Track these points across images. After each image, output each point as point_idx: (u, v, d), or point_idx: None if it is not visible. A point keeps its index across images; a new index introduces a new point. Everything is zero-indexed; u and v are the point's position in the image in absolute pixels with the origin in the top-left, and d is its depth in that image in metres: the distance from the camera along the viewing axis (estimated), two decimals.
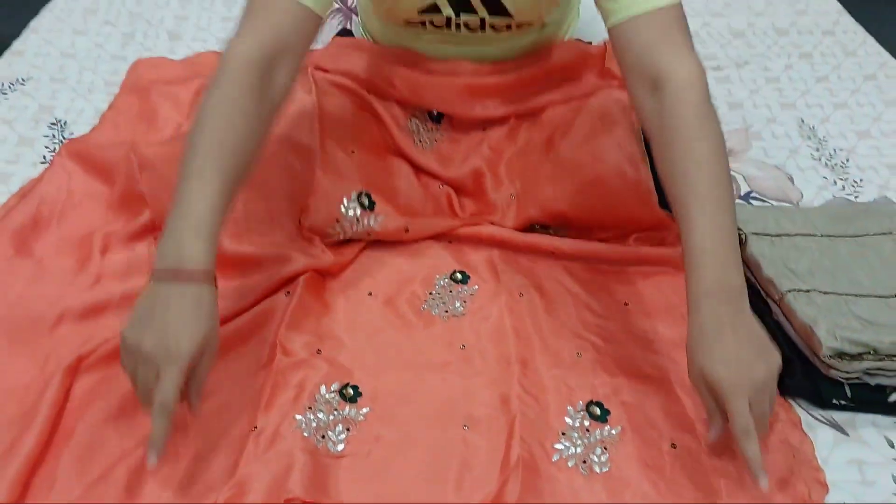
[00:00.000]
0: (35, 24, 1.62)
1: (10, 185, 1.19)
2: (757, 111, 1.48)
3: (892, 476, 0.87)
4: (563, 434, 0.89)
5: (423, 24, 1.14)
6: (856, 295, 0.99)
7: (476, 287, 1.07)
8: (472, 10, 1.11)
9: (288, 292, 1.02)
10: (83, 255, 1.06)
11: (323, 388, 0.91)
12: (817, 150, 1.38)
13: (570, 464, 0.86)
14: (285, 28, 0.90)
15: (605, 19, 0.94)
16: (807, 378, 0.94)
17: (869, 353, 0.91)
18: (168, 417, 0.74)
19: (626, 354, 0.98)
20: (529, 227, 1.15)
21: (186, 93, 1.34)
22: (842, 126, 1.44)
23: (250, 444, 0.84)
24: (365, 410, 0.90)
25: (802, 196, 1.27)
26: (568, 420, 0.90)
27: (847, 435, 0.91)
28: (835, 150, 1.37)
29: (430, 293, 1.06)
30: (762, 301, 1.02)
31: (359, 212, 1.09)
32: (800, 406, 0.94)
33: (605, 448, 0.87)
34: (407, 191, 1.17)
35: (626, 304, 1.05)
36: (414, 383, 0.94)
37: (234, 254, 1.03)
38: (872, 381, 0.92)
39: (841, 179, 1.31)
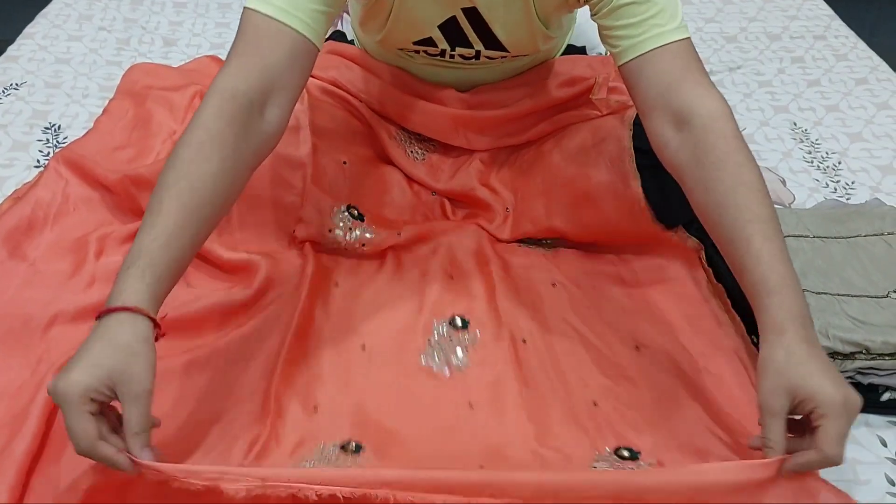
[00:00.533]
0: (30, 29, 1.63)
1: (4, 189, 1.19)
2: (750, 115, 1.49)
3: (886, 475, 0.87)
4: (595, 467, 0.84)
5: (417, 52, 1.14)
6: (848, 295, 0.99)
7: (477, 333, 1.00)
8: (468, 45, 1.10)
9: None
10: (77, 259, 1.06)
11: (322, 444, 0.85)
12: (809, 152, 1.39)
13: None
14: (277, 63, 0.85)
15: (617, 57, 0.92)
16: None
17: (861, 352, 0.91)
18: (146, 443, 0.70)
19: (645, 400, 0.93)
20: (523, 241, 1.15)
21: (181, 99, 1.34)
22: (834, 129, 1.45)
23: None
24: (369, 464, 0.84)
25: (795, 198, 1.27)
26: (595, 462, 0.85)
27: None
28: (827, 153, 1.38)
29: (429, 341, 0.99)
30: None
31: (350, 222, 1.09)
32: None
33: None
34: (399, 200, 1.17)
35: (638, 349, 0.99)
36: (423, 449, 0.86)
37: (228, 261, 1.04)
38: (865, 381, 0.92)
39: (833, 182, 1.31)
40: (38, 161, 1.26)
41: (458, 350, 0.98)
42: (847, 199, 1.27)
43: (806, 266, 1.04)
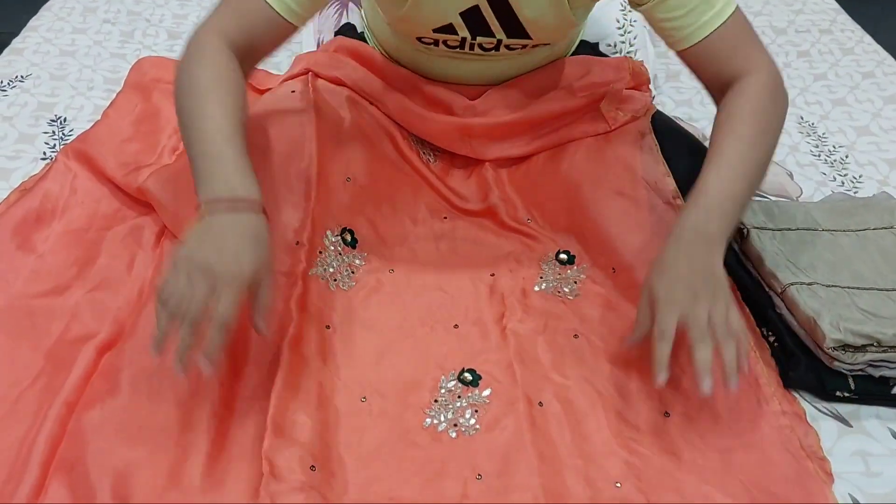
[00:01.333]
0: (34, 22, 1.62)
1: (10, 181, 1.19)
2: None
3: None
4: None
5: (436, 42, 1.10)
6: (858, 288, 0.99)
7: (489, 391, 0.91)
8: (490, 34, 1.08)
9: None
10: (85, 251, 1.05)
11: None
12: (816, 146, 1.38)
13: None
14: (256, 31, 0.95)
15: (673, 44, 0.99)
16: (810, 371, 0.94)
17: (872, 344, 0.91)
18: (225, 333, 0.76)
19: (671, 480, 0.84)
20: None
21: None
22: (841, 123, 1.45)
23: None
24: None
25: (802, 192, 1.27)
26: None
27: (851, 427, 0.91)
28: (834, 147, 1.38)
29: (436, 400, 0.90)
30: (764, 294, 1.02)
31: (341, 247, 1.04)
32: (804, 398, 0.94)
33: None
34: (404, 217, 1.11)
35: (667, 415, 0.90)
36: None
37: None
38: (876, 373, 0.92)
39: (840, 175, 1.31)
40: (45, 153, 1.26)
41: (468, 413, 0.89)
42: (854, 193, 1.27)
43: (815, 259, 1.04)
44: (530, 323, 0.99)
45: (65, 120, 1.34)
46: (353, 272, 1.04)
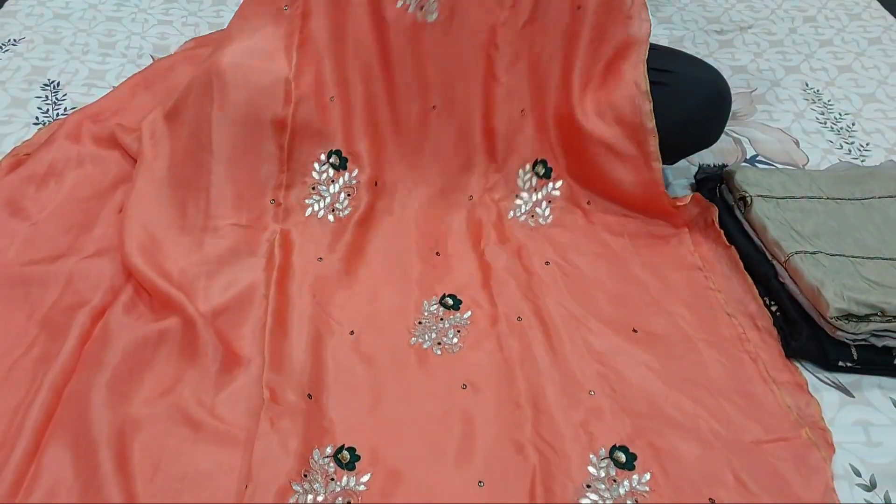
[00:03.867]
0: None
1: (2, 146, 1.17)
2: (761, 75, 1.46)
3: None
4: (589, 487, 0.80)
5: None
6: (862, 257, 0.98)
7: (469, 313, 0.98)
8: None
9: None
10: (82, 219, 1.04)
11: (317, 453, 0.81)
12: (822, 113, 1.36)
13: None
14: None
15: None
16: (813, 340, 0.93)
17: (876, 314, 0.90)
18: None
19: (643, 391, 0.89)
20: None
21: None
22: (847, 90, 1.42)
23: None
24: (366, 478, 0.80)
25: (808, 160, 1.25)
26: (591, 470, 0.81)
27: (853, 397, 0.91)
28: (840, 114, 1.36)
29: (420, 322, 0.96)
30: (768, 263, 1.01)
31: (332, 173, 1.06)
32: (805, 369, 0.93)
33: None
34: (388, 115, 1.09)
35: (635, 331, 0.96)
36: (417, 436, 0.84)
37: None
38: (879, 343, 0.91)
39: (847, 143, 1.29)
40: (37, 118, 1.24)
41: (451, 333, 0.95)
42: (861, 161, 1.25)
43: (820, 227, 1.02)
44: (506, 249, 1.06)
45: (58, 84, 1.32)
46: (349, 195, 1.07)
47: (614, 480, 0.81)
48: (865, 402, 0.90)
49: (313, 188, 1.06)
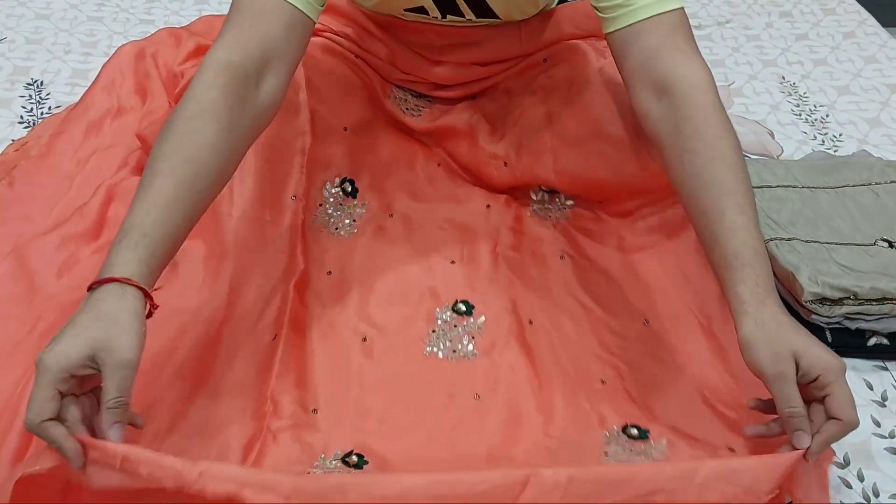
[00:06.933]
0: None
1: None
2: (738, 68, 1.49)
3: (871, 417, 0.89)
4: (607, 454, 0.82)
5: (411, 15, 1.09)
6: (836, 243, 1.00)
7: (483, 318, 0.97)
8: (459, 13, 1.06)
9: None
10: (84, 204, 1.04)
11: (322, 457, 0.81)
12: (797, 105, 1.39)
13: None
14: (274, 34, 0.82)
15: (605, 25, 0.89)
16: None
17: (849, 297, 0.92)
18: (121, 420, 0.65)
19: (653, 378, 0.91)
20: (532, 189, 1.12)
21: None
22: (821, 82, 1.45)
23: None
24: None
25: (783, 151, 1.28)
26: (606, 445, 0.83)
27: None
28: (815, 106, 1.39)
29: (433, 330, 0.95)
30: None
31: (341, 198, 1.06)
32: None
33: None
34: (401, 165, 1.12)
35: (647, 322, 0.97)
36: (428, 447, 0.83)
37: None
38: (853, 326, 0.93)
39: (821, 134, 1.32)
40: (22, 117, 1.24)
41: (465, 339, 0.95)
42: (835, 152, 1.27)
43: (795, 215, 1.05)
44: (521, 247, 1.05)
45: (41, 83, 1.32)
46: (354, 220, 1.06)
47: (631, 449, 0.83)
48: None
49: (320, 205, 1.05)
